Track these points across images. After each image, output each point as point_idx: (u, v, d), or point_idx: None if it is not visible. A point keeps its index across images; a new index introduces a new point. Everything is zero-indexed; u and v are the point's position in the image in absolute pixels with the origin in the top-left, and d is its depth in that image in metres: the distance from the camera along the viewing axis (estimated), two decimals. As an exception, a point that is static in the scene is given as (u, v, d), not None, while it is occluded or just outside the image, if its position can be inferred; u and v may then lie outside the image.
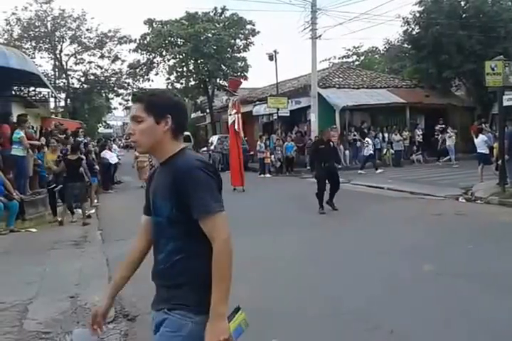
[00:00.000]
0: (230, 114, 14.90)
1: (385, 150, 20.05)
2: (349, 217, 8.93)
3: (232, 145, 15.05)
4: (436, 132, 20.35)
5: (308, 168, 19.54)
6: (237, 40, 29.67)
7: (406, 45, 24.46)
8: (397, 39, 25.84)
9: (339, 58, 36.43)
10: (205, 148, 24.81)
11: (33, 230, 8.63)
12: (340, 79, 23.71)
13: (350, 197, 9.07)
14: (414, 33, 22.59)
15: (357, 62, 35.23)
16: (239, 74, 29.34)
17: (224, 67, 29.26)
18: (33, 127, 12.58)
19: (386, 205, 10.28)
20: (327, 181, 9.62)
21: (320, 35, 20.71)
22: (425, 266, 5.55)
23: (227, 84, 15.32)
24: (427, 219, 8.59)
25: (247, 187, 14.41)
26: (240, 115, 14.68)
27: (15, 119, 11.37)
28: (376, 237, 7.26)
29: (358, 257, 6.16)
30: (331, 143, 10.08)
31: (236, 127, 14.33)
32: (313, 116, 20.72)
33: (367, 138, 18.16)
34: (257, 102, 25.65)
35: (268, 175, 18.61)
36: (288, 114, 21.63)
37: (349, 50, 37.12)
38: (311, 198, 11.71)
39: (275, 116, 22.13)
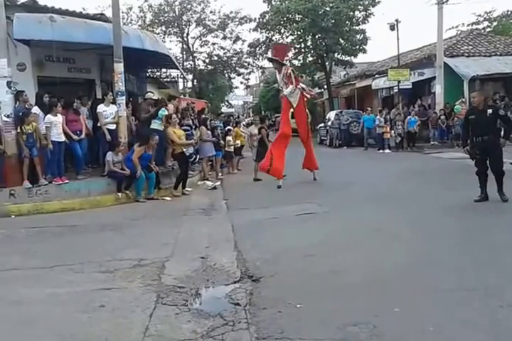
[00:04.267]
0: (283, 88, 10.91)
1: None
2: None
3: (284, 122, 11.14)
4: None
5: (433, 143, 18.75)
6: (356, 12, 28.69)
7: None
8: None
9: (468, 25, 33.62)
10: (322, 124, 24.73)
11: (168, 198, 9.38)
12: (470, 47, 21.97)
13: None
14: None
15: (488, 29, 32.27)
16: (357, 47, 28.52)
17: (342, 41, 28.60)
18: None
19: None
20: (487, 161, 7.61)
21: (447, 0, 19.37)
22: None
23: (271, 52, 11.42)
24: None
25: (369, 164, 14.13)
26: (301, 86, 11.15)
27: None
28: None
29: (489, 232, 5.87)
30: (489, 111, 7.63)
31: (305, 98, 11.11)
32: (438, 88, 19.60)
33: None
34: (376, 75, 24.88)
35: (387, 151, 18.08)
36: (410, 87, 20.71)
37: (479, 15, 34.09)
38: (435, 174, 11.28)
39: (395, 90, 21.31)
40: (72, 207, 8.69)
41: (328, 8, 27.51)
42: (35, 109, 9.18)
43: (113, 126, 10.00)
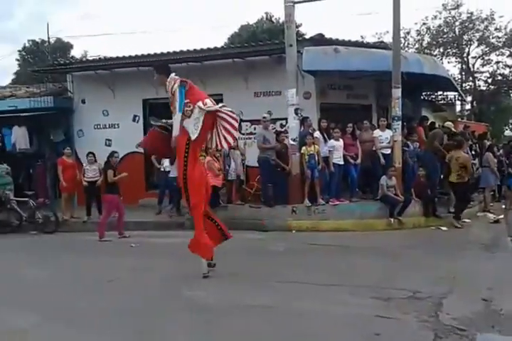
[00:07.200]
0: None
1: None
2: None
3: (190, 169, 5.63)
4: None
5: None
6: None
7: None
8: None
9: None
10: None
11: (444, 228, 8.89)
12: None
13: None
14: None
15: None
16: None
17: None
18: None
19: None
20: None
21: None
22: None
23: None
24: None
25: None
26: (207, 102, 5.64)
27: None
28: None
29: None
30: None
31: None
32: None
33: None
34: None
35: None
36: None
37: None
38: None
39: None
40: (345, 228, 9.02)
41: None
42: (317, 134, 9.97)
43: (387, 151, 10.08)
